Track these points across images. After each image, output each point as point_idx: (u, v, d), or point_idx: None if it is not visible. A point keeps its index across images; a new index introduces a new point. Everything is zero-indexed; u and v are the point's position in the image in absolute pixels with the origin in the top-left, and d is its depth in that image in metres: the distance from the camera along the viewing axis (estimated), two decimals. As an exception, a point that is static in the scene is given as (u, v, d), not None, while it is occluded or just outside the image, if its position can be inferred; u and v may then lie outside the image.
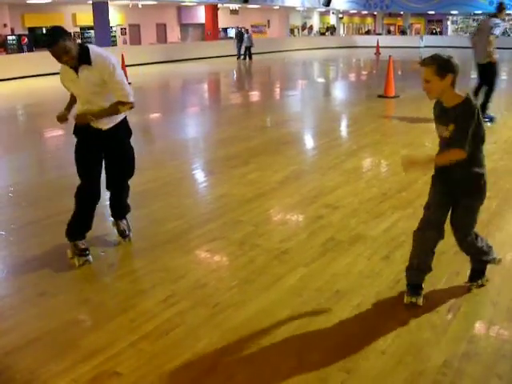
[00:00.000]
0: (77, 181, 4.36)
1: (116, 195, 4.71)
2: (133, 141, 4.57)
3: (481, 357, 3.11)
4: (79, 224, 4.42)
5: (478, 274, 3.91)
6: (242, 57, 29.34)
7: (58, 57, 3.95)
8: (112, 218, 4.84)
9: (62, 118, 4.37)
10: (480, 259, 3.87)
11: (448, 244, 4.58)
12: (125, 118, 4.45)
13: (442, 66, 3.31)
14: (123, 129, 4.44)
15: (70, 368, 3.03)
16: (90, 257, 4.36)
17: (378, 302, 3.70)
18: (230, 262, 4.41)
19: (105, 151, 4.41)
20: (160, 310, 3.63)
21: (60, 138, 9.76)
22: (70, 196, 4.41)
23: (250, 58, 28.73)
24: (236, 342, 3.26)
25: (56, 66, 4.17)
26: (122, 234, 4.77)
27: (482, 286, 3.88)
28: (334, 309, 3.61)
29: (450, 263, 4.24)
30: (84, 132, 4.30)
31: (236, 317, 3.53)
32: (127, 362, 3.07)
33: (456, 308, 3.62)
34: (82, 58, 4.03)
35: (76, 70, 4.07)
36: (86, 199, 4.36)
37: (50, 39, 3.91)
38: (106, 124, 4.28)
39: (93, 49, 4.11)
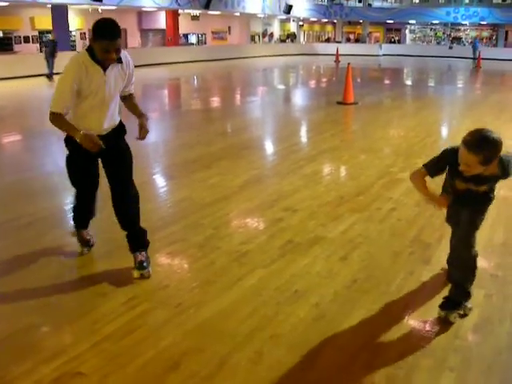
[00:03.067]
0: (34, 185, 4.31)
1: (124, 208, 4.19)
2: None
3: (434, 351, 3.24)
4: (80, 213, 4.60)
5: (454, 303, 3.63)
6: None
7: (109, 51, 3.68)
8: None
9: (96, 141, 3.77)
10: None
11: (403, 245, 4.77)
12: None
13: (487, 157, 3.10)
14: (121, 128, 4.22)
15: (32, 370, 3.02)
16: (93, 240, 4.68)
17: (336, 300, 3.80)
18: (191, 263, 4.46)
19: (104, 157, 4.08)
20: (122, 311, 3.65)
21: (17, 143, 9.64)
22: (27, 201, 4.38)
23: None
24: (198, 340, 3.32)
25: (13, 70, 4.05)
26: (140, 267, 4.17)
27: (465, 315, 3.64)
28: (293, 307, 3.70)
29: (404, 263, 4.39)
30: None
31: (198, 316, 3.59)
32: (90, 362, 3.09)
33: (409, 305, 3.75)
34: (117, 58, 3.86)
35: (104, 69, 3.84)
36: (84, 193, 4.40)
37: (116, 32, 3.71)
38: (106, 129, 4.04)
39: None
